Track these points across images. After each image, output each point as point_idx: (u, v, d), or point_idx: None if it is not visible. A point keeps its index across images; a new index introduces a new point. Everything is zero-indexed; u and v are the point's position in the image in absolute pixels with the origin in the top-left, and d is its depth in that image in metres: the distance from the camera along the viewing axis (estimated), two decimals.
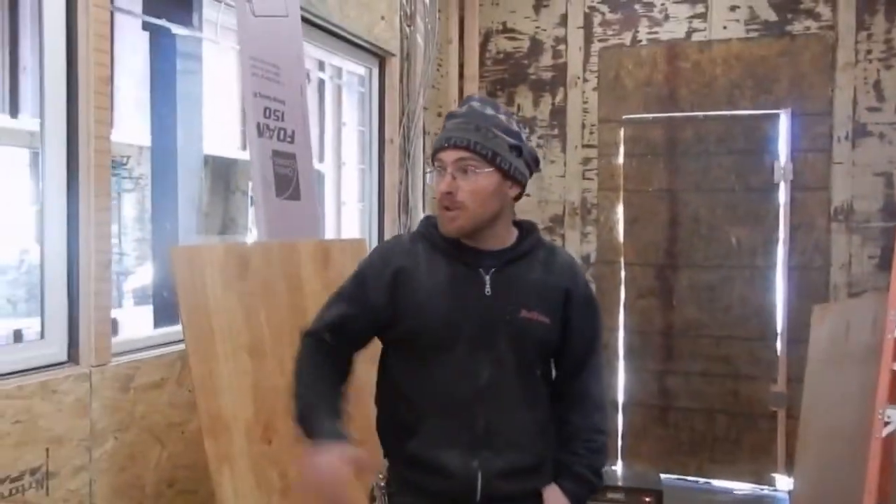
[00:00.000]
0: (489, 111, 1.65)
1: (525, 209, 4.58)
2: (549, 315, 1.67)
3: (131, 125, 5.12)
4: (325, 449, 1.46)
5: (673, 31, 4.32)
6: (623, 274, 4.44)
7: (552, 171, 4.56)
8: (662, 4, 4.33)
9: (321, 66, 3.68)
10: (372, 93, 3.79)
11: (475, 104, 1.66)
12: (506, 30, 4.63)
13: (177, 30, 3.12)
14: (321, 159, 4.64)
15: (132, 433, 2.29)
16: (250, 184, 8.40)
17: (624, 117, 4.39)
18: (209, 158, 5.01)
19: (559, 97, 4.55)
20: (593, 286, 4.11)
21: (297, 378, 1.65)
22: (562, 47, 4.53)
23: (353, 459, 1.44)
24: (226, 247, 2.36)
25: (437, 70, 4.39)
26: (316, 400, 1.59)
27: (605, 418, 1.81)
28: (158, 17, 3.02)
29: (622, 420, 4.43)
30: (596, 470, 1.75)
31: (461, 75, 4.55)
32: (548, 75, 4.57)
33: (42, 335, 2.13)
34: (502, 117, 1.66)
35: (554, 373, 1.79)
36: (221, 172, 5.85)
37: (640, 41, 4.38)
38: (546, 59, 4.57)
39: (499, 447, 1.63)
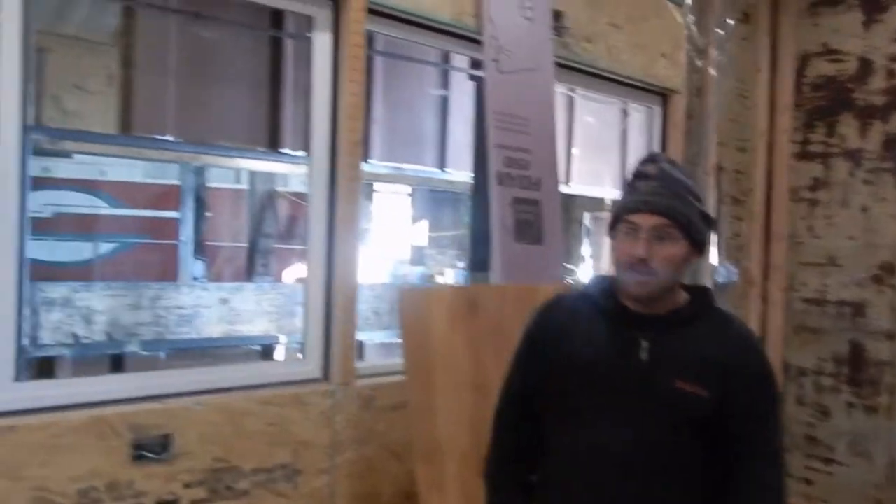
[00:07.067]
0: (679, 175, 1.61)
1: (846, 253, 4.06)
2: (708, 388, 1.56)
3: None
4: None
5: None
6: None
7: (882, 210, 3.97)
8: None
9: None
10: (653, 131, 3.73)
11: (665, 166, 1.61)
12: (827, 51, 4.16)
13: None
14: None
15: (371, 447, 2.63)
16: (586, 215, 8.65)
17: None
18: None
19: (893, 124, 3.95)
20: None
21: (490, 482, 1.77)
22: None
23: None
24: (453, 289, 2.58)
25: (742, 102, 4.13)
26: None
27: None
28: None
29: None
30: None
31: (772, 106, 4.21)
32: (880, 100, 4.00)
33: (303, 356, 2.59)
34: (690, 182, 1.62)
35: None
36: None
37: None
38: (878, 82, 4.00)
39: None
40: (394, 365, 2.73)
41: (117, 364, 5.25)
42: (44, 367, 4.91)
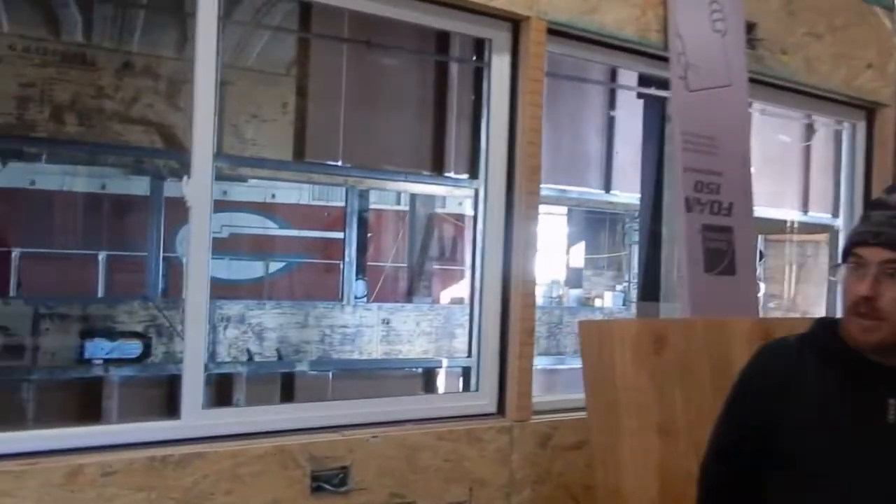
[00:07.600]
0: None
1: None
2: None
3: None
4: None
5: None
6: None
7: None
8: None
9: None
10: (856, 149, 3.37)
11: None
12: None
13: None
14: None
15: (549, 488, 2.49)
16: (760, 238, 8.10)
17: None
18: None
19: None
20: None
21: None
22: None
23: None
24: (639, 323, 2.40)
25: None
26: None
27: None
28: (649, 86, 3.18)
29: None
30: None
31: None
32: None
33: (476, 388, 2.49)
34: None
35: None
36: None
37: None
38: None
39: None
40: (572, 401, 2.58)
41: (287, 381, 5.41)
42: (219, 383, 5.13)
